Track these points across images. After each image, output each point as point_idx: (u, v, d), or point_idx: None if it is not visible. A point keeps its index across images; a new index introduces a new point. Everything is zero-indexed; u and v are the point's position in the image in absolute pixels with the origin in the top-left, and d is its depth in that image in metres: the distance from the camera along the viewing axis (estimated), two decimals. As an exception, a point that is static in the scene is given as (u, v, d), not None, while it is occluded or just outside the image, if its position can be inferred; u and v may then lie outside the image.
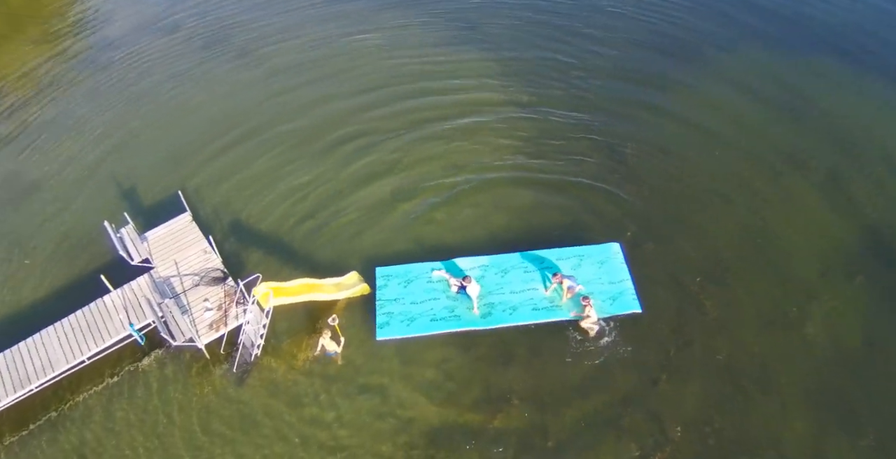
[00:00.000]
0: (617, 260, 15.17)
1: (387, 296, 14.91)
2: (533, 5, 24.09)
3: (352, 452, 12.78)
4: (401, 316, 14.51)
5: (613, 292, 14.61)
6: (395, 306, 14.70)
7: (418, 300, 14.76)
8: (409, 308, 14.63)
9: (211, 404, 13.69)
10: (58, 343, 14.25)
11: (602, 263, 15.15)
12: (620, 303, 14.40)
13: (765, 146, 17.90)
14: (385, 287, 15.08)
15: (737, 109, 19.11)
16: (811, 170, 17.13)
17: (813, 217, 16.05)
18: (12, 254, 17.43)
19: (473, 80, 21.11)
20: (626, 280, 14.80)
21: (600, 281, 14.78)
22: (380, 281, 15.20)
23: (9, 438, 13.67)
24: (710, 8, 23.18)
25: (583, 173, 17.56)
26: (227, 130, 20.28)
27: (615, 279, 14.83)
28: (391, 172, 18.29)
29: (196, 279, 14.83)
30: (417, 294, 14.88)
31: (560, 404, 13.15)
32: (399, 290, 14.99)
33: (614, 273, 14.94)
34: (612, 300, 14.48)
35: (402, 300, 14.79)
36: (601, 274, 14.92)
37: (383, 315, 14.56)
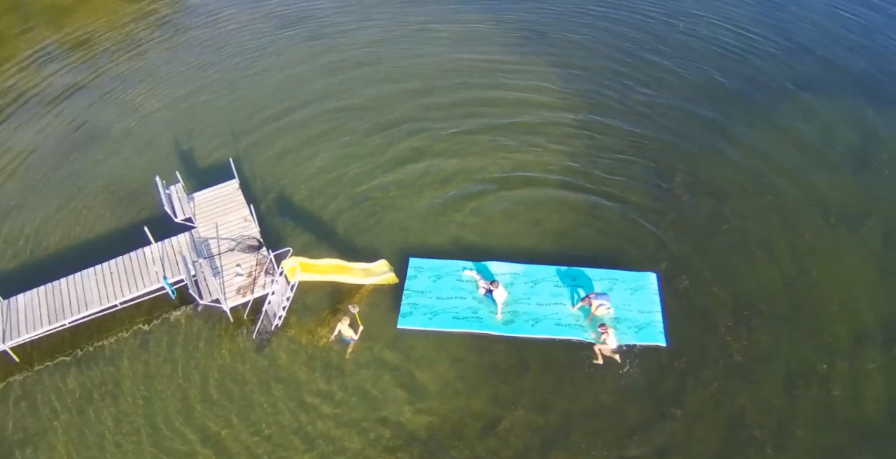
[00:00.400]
0: (651, 290, 14.97)
1: (415, 288, 15.08)
2: (609, 18, 23.99)
3: (346, 434, 12.99)
4: (425, 309, 14.67)
5: (641, 321, 14.42)
6: (422, 298, 14.86)
7: (445, 296, 14.89)
8: (435, 302, 14.78)
9: (228, 364, 14.14)
10: (95, 284, 14.95)
11: (635, 291, 14.96)
12: (646, 334, 14.21)
13: (823, 195, 17.27)
14: (415, 278, 15.27)
15: (802, 152, 18.49)
16: (867, 229, 16.45)
17: (859, 277, 15.39)
18: (73, 195, 18.38)
19: (535, 84, 21.18)
20: (657, 311, 14.59)
21: (629, 309, 14.62)
22: (411, 272, 15.39)
23: (38, 365, 14.44)
24: (798, 44, 22.51)
25: (629, 195, 17.37)
26: (287, 105, 20.90)
27: (645, 308, 14.64)
28: (436, 164, 18.53)
29: (232, 244, 15.31)
30: (445, 290, 15.00)
31: (566, 423, 13.05)
32: (428, 284, 15.15)
33: (646, 302, 14.75)
34: (639, 329, 14.30)
35: (429, 293, 14.94)
36: (632, 302, 14.75)
37: (408, 305, 14.76)
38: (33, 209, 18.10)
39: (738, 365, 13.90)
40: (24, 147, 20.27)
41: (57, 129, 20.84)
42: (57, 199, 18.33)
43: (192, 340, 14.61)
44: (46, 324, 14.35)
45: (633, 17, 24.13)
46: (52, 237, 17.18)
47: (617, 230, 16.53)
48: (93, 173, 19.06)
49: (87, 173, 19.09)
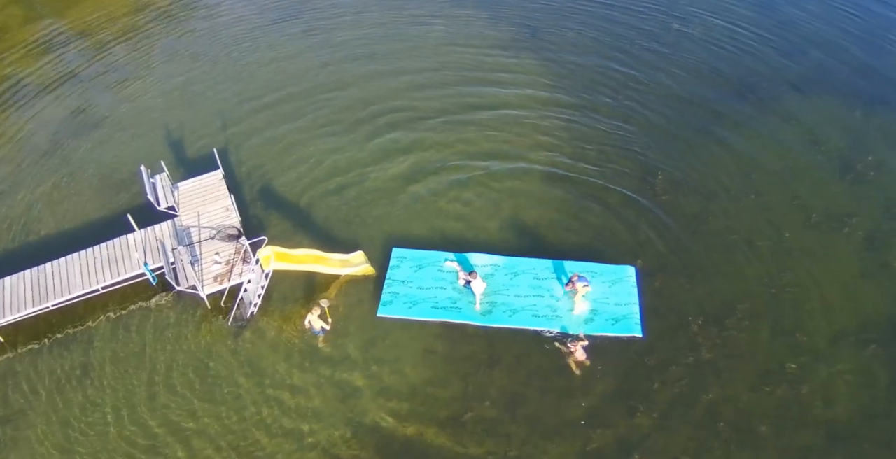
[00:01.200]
0: (629, 283, 15.07)
1: (397, 277, 15.27)
2: (602, 15, 23.97)
3: (313, 425, 13.20)
4: (405, 298, 14.86)
5: (618, 313, 14.53)
6: (402, 288, 15.05)
7: (425, 286, 15.06)
8: (415, 292, 14.96)
9: (202, 351, 14.42)
10: (78, 269, 15.28)
11: (613, 283, 15.07)
12: (623, 325, 14.32)
13: (808, 196, 17.18)
14: (397, 267, 15.45)
15: (789, 153, 18.37)
16: (849, 230, 16.35)
17: (839, 278, 15.30)
18: (62, 182, 18.74)
19: (526, 77, 21.26)
20: (634, 304, 14.70)
21: (607, 301, 14.73)
22: (393, 261, 15.58)
23: (21, 348, 14.82)
24: (792, 45, 22.33)
25: (612, 191, 17.42)
26: (275, 95, 21.16)
27: (623, 301, 14.74)
28: (423, 154, 18.75)
29: (213, 233, 15.55)
30: (426, 280, 15.18)
31: (532, 415, 13.17)
32: (409, 273, 15.33)
33: (623, 295, 14.85)
34: (615, 321, 14.41)
35: (410, 283, 15.13)
36: (610, 295, 14.86)
37: (389, 293, 14.95)
38: (23, 194, 18.49)
39: (708, 363, 13.90)
40: (19, 132, 20.69)
41: (52, 116, 21.23)
42: (46, 185, 18.71)
43: (170, 326, 14.89)
44: (31, 307, 14.69)
45: (627, 14, 24.04)
46: (39, 222, 17.56)
47: (598, 224, 16.61)
48: (83, 160, 19.41)
49: (77, 160, 19.44)
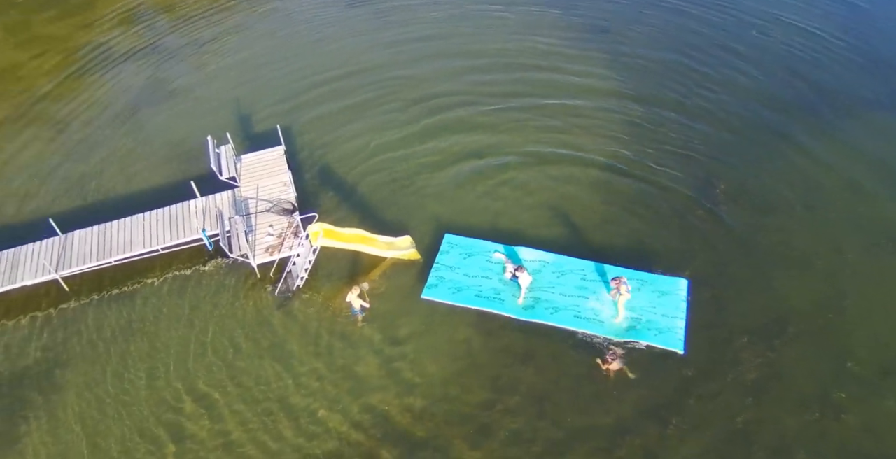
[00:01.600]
0: (678, 297, 14.71)
1: (445, 262, 15.51)
2: (681, 12, 23.42)
3: (344, 397, 13.58)
4: (450, 284, 15.06)
5: (663, 325, 14.24)
6: (450, 273, 15.28)
7: (472, 274, 15.23)
8: (462, 278, 15.15)
9: (248, 317, 15.02)
10: (141, 229, 16.18)
11: (663, 294, 14.76)
12: (665, 338, 14.03)
13: (877, 218, 16.30)
14: (447, 253, 15.68)
15: (863, 171, 17.44)
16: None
17: None
18: (135, 146, 19.81)
19: (592, 69, 21.11)
20: (681, 318, 14.35)
21: (654, 311, 14.46)
22: (444, 247, 15.83)
23: (85, 298, 15.81)
24: (879, 57, 21.10)
25: (671, 194, 17.06)
26: (343, 77, 21.63)
27: (670, 313, 14.42)
28: (478, 138, 18.96)
29: (269, 205, 16.13)
30: (474, 268, 15.34)
31: (560, 415, 13.13)
32: (458, 260, 15.54)
33: (671, 307, 14.52)
34: (659, 332, 14.15)
35: (457, 269, 15.33)
36: (657, 305, 14.57)
37: (436, 277, 15.21)
38: (99, 155, 19.64)
39: (750, 381, 13.48)
40: (102, 96, 21.95)
41: (132, 83, 22.43)
42: (121, 148, 19.82)
43: (220, 291, 15.57)
44: (95, 260, 15.68)
45: (706, 14, 23.32)
46: (111, 182, 18.66)
47: (652, 226, 16.30)
48: (156, 127, 20.45)
49: (151, 126, 20.50)
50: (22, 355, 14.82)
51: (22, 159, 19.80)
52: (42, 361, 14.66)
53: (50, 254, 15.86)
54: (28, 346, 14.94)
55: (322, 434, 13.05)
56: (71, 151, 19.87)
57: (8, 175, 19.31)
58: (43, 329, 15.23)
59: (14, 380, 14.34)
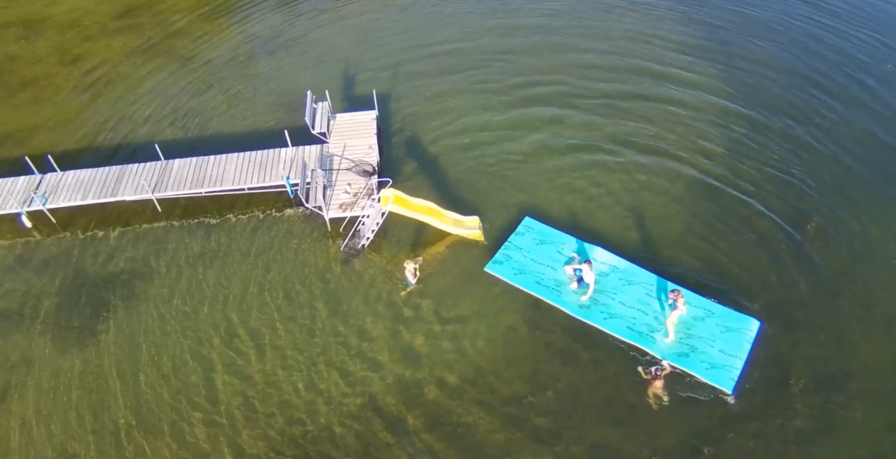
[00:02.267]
0: (745, 337, 13.94)
1: (517, 243, 15.67)
2: (812, 34, 22.02)
3: (382, 360, 14.01)
4: (516, 264, 15.23)
5: (717, 361, 13.61)
6: (518, 254, 15.44)
7: (539, 260, 15.31)
8: (528, 263, 15.26)
9: (311, 266, 15.72)
10: (234, 167, 17.21)
11: (728, 330, 14.07)
12: (716, 375, 13.40)
13: None
14: (522, 235, 15.84)
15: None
16: None
17: None
18: (245, 90, 21.00)
19: (702, 79, 20.45)
20: (740, 359, 13.63)
21: (712, 344, 13.85)
22: (521, 228, 16.00)
23: (175, 221, 17.07)
24: None
25: (760, 220, 16.28)
26: (451, 52, 21.94)
27: (730, 351, 13.75)
28: (569, 130, 18.91)
29: (351, 165, 16.69)
30: (542, 255, 15.40)
31: (589, 422, 12.96)
32: (530, 244, 15.66)
33: (734, 345, 13.82)
34: (711, 366, 13.55)
35: (526, 252, 15.47)
36: (719, 339, 13.93)
37: (503, 255, 15.45)
38: (211, 93, 20.99)
39: (797, 430, 12.73)
40: (225, 40, 23.39)
41: (255, 31, 23.74)
42: (232, 90, 21.07)
43: (293, 237, 16.37)
44: (188, 188, 16.87)
45: (839, 37, 21.71)
46: (216, 119, 19.95)
47: (732, 252, 15.60)
48: (268, 76, 21.55)
49: (263, 74, 21.66)
50: (109, 263, 16.25)
51: (144, 86, 21.47)
52: (126, 271, 16.01)
53: (150, 176, 17.19)
54: (117, 256, 16.36)
55: (354, 391, 13.55)
56: (187, 85, 21.34)
57: (130, 98, 21.02)
58: (132, 243, 16.62)
59: (100, 283, 15.78)
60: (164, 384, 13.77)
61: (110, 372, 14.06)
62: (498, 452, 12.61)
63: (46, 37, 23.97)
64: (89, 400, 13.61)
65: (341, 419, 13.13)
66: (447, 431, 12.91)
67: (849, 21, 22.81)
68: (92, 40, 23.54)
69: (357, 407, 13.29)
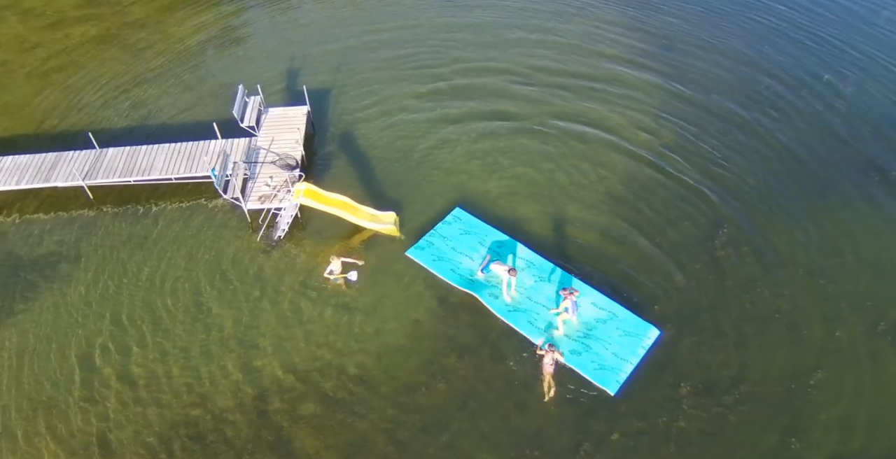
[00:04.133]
0: (641, 343, 14.25)
1: (442, 232, 16.13)
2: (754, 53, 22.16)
3: (286, 346, 14.46)
4: (436, 251, 15.70)
5: (608, 363, 13.95)
6: (441, 242, 15.91)
7: (458, 249, 15.76)
8: (448, 251, 15.72)
9: (229, 255, 16.17)
10: (164, 157, 17.63)
11: (627, 335, 14.38)
12: (603, 376, 13.75)
13: (883, 301, 15.03)
14: (449, 225, 16.29)
15: (893, 251, 16.16)
16: (919, 349, 14.20)
17: (880, 399, 13.39)
18: (190, 82, 21.40)
19: (635, 93, 20.71)
20: (631, 363, 13.96)
21: (608, 347, 14.19)
22: (449, 218, 16.46)
23: (105, 208, 17.48)
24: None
25: (674, 228, 16.67)
26: (397, 48, 22.44)
27: (623, 355, 14.07)
28: (515, 129, 19.43)
29: (275, 158, 17.05)
30: (463, 245, 15.84)
31: (479, 414, 13.33)
32: (455, 234, 16.12)
33: (628, 350, 14.14)
34: (600, 367, 13.89)
35: (449, 241, 15.93)
36: (615, 342, 14.26)
37: (426, 242, 15.93)
38: (159, 84, 21.38)
39: (679, 431, 13.07)
40: (180, 33, 23.70)
41: (209, 25, 24.06)
42: (179, 81, 21.48)
43: (215, 227, 16.80)
44: (117, 176, 17.29)
45: (781, 53, 21.95)
46: (158, 110, 20.38)
47: (644, 256, 16.01)
48: (214, 68, 21.96)
49: (211, 67, 22.04)
50: (39, 245, 16.69)
51: (95, 75, 21.88)
52: (54, 254, 16.44)
53: (83, 164, 17.62)
54: (46, 239, 16.80)
55: (252, 378, 13.97)
56: (137, 76, 21.75)
57: (78, 87, 21.44)
58: (62, 227, 17.05)
59: (27, 265, 16.22)
60: (78, 364, 14.23)
61: (31, 351, 14.50)
62: (385, 440, 13.01)
63: (10, 24, 24.43)
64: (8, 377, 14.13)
65: (237, 404, 13.54)
66: (339, 419, 13.33)
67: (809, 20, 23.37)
68: (52, 29, 23.98)
69: (254, 393, 13.70)
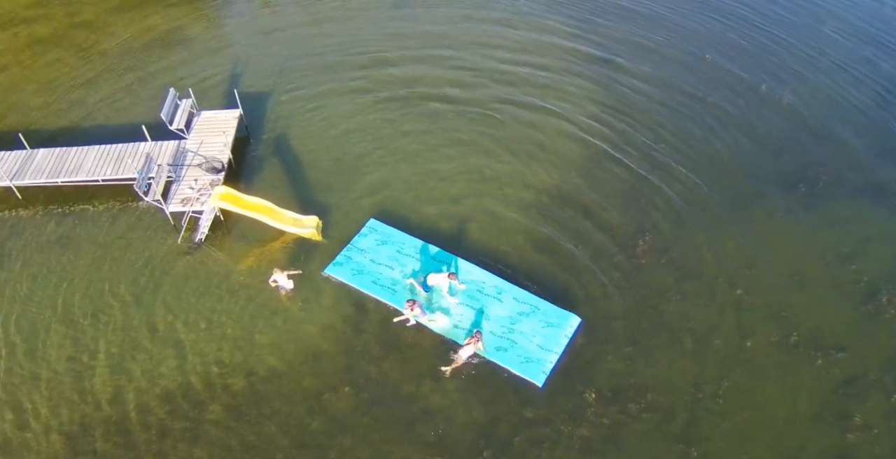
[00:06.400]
0: (564, 332, 14.52)
1: (359, 245, 15.99)
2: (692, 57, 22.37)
3: (199, 348, 14.50)
4: (355, 265, 15.54)
5: (534, 355, 14.14)
6: (359, 256, 15.75)
7: (378, 260, 15.63)
8: (367, 263, 15.58)
9: (155, 256, 16.23)
10: (92, 159, 17.64)
11: (549, 326, 14.61)
12: (529, 368, 13.95)
13: (802, 311, 15.20)
14: (365, 237, 16.15)
15: (813, 260, 16.38)
16: (830, 364, 14.27)
17: (784, 409, 13.55)
18: (133, 84, 21.40)
19: (568, 98, 20.97)
20: (556, 354, 14.20)
21: (531, 340, 14.37)
22: (364, 230, 16.31)
23: (33, 208, 17.45)
24: (881, 146, 19.44)
25: (596, 233, 16.85)
26: (343, 54, 22.70)
27: (547, 346, 14.29)
28: (438, 135, 19.63)
29: (202, 161, 17.08)
30: (381, 256, 15.74)
31: (383, 419, 13.41)
32: (372, 246, 15.98)
33: (552, 341, 14.37)
34: (526, 360, 14.06)
35: (366, 253, 15.79)
36: (539, 334, 14.46)
37: (344, 257, 15.74)
38: (101, 87, 21.36)
39: (582, 439, 13.20)
40: (127, 34, 23.69)
41: (156, 27, 24.04)
42: (121, 83, 21.46)
43: (139, 229, 16.84)
44: (45, 177, 17.29)
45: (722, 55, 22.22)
46: (96, 112, 20.34)
47: (563, 261, 16.19)
48: (158, 70, 21.96)
49: (153, 69, 22.06)
50: (-36, 243, 16.67)
51: (38, 76, 21.85)
52: (-22, 254, 16.44)
53: (12, 164, 17.60)
54: (-29, 237, 16.78)
55: (164, 377, 14.03)
56: (79, 77, 21.74)
57: (20, 87, 21.42)
58: (-12, 226, 17.04)
59: (-51, 264, 16.19)
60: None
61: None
62: (289, 443, 13.10)
63: (-41, 23, 24.40)
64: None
65: (147, 403, 13.62)
66: (246, 420, 13.43)
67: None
68: (0, 28, 23.96)
69: (163, 393, 13.79)
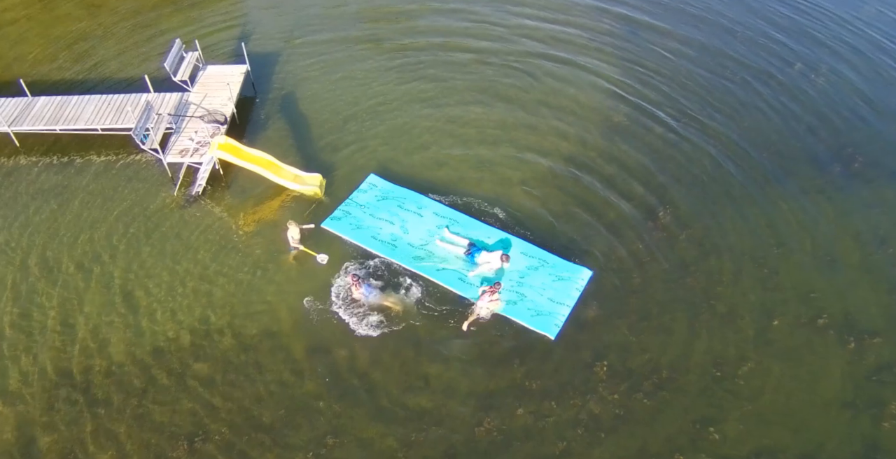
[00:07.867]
0: (575, 285, 13.89)
1: (358, 200, 15.36)
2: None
3: (189, 305, 13.82)
4: (354, 220, 14.93)
5: (545, 308, 13.50)
6: (358, 211, 15.14)
7: (377, 216, 15.02)
8: (366, 218, 14.97)
9: (150, 207, 15.59)
10: (92, 108, 17.09)
11: (560, 279, 13.96)
12: (541, 321, 13.27)
13: (834, 294, 14.14)
14: (364, 192, 15.53)
15: (844, 240, 15.30)
16: (864, 349, 13.14)
17: (812, 394, 12.53)
18: (141, 38, 20.94)
19: (587, 76, 20.02)
20: (567, 306, 13.55)
21: (542, 294, 13.73)
22: (364, 185, 15.68)
23: (31, 156, 16.92)
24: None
25: (617, 203, 15.99)
26: (355, 23, 21.99)
27: (558, 299, 13.64)
28: (447, 99, 18.92)
29: (203, 113, 16.44)
30: (382, 211, 15.12)
31: (379, 386, 12.60)
32: (372, 201, 15.36)
33: (563, 293, 13.73)
34: (537, 314, 13.39)
35: (366, 208, 15.18)
36: (549, 288, 13.82)
37: (342, 211, 15.13)
38: (110, 40, 20.96)
39: (592, 416, 12.23)
40: None
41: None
42: (129, 39, 21.02)
43: (138, 180, 16.20)
44: (43, 125, 16.76)
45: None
46: (104, 63, 19.92)
47: (582, 230, 15.33)
48: (168, 26, 21.50)
49: (164, 25, 21.63)
50: (-42, 191, 16.15)
51: (47, 30, 21.46)
52: (-28, 198, 15.92)
53: (12, 111, 17.10)
54: (-34, 184, 16.27)
55: (150, 332, 13.36)
56: (88, 29, 21.36)
57: (28, 40, 21.03)
58: (-16, 172, 16.52)
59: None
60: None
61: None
62: (276, 404, 12.34)
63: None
64: None
65: (131, 357, 12.97)
66: (230, 379, 12.68)
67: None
68: (14, -17, 23.62)
69: (150, 347, 13.11)
